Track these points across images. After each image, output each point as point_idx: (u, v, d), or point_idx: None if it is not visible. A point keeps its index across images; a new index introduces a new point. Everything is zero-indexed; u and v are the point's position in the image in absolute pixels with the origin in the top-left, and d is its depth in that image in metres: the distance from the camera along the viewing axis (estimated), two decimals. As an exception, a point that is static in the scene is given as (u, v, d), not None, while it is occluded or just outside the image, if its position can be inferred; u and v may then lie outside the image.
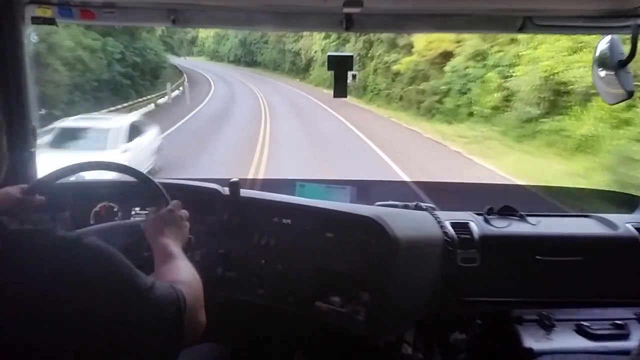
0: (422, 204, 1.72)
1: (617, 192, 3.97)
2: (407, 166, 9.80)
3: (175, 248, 1.04)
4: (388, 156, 10.85)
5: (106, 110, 13.85)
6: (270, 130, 13.70)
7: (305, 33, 28.72)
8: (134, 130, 8.42)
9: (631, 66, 1.34)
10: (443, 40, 16.59)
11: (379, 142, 12.37)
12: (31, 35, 1.57)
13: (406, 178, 8.49)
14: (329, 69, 1.44)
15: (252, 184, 2.45)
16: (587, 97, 10.51)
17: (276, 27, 1.65)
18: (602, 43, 1.39)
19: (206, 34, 47.67)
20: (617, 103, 1.41)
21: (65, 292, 0.65)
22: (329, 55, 1.46)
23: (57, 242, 0.70)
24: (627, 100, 1.37)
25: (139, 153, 8.06)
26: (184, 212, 1.19)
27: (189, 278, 0.91)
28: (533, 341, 1.44)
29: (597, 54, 1.41)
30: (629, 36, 1.36)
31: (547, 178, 9.16)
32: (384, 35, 20.53)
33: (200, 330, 0.85)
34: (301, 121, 16.31)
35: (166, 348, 0.76)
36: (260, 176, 8.61)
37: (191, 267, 0.98)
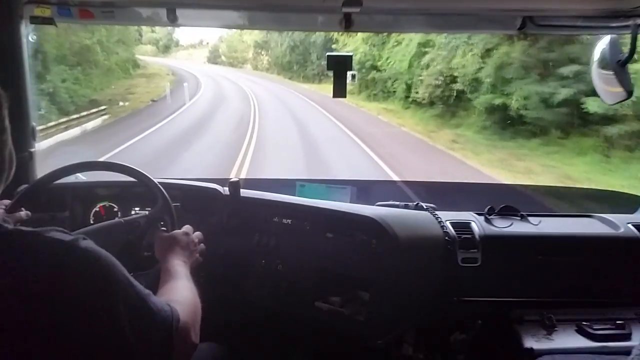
0: (423, 204, 1.71)
1: (618, 192, 3.96)
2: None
3: (182, 269, 1.04)
4: None
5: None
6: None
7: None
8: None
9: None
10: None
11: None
12: (30, 35, 1.57)
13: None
14: (328, 68, 1.44)
15: (252, 183, 2.44)
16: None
17: (275, 27, 1.65)
18: (602, 43, 1.39)
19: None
20: (617, 103, 1.41)
21: (58, 295, 0.65)
22: (328, 55, 1.45)
23: (52, 245, 0.69)
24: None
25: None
26: (198, 235, 1.23)
27: (188, 298, 0.91)
28: (534, 341, 1.43)
29: (597, 54, 1.40)
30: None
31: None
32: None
33: (191, 352, 0.84)
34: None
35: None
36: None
37: (193, 288, 0.97)
